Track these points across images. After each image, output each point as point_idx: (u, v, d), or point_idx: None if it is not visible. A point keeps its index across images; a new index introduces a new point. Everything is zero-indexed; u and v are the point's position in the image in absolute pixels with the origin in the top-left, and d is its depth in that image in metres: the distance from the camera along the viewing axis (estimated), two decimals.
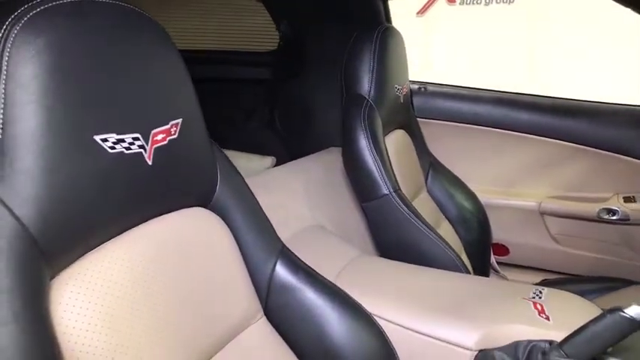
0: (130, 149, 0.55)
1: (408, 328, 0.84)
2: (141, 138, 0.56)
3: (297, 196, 1.25)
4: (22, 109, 0.46)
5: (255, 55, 1.74)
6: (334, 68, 1.59)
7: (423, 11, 3.61)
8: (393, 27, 1.23)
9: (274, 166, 1.73)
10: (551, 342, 0.75)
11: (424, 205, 1.32)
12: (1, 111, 0.45)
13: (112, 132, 0.52)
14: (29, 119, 0.46)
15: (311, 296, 0.76)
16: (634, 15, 1.18)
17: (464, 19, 3.54)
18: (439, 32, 3.65)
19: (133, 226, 0.59)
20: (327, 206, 1.30)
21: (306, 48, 1.65)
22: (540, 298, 0.87)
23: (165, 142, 0.60)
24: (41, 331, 0.45)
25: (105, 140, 0.52)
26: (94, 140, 0.51)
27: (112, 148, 0.52)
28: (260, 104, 1.77)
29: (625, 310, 0.67)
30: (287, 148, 1.73)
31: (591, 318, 0.71)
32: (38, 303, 0.45)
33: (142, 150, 0.56)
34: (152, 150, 0.58)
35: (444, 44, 3.66)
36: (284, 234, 0.81)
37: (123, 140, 0.54)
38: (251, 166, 1.65)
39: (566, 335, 0.73)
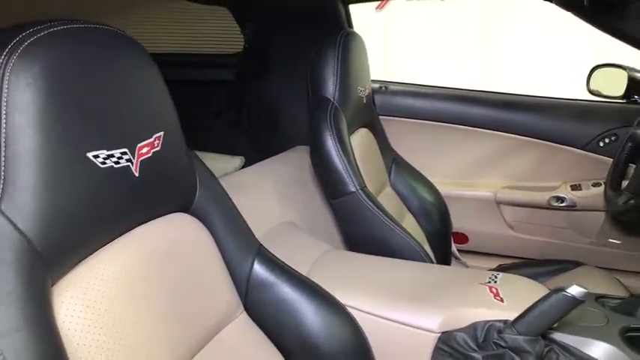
0: (119, 163, 0.58)
1: (377, 316, 0.90)
2: (128, 152, 0.60)
3: (268, 195, 1.29)
4: (21, 131, 0.49)
5: (221, 57, 1.77)
6: (299, 69, 1.64)
7: (381, 7, 3.67)
8: (354, 32, 1.29)
9: (243, 165, 1.77)
10: (505, 321, 0.83)
11: (389, 199, 1.40)
12: (4, 133, 0.48)
13: (102, 148, 0.56)
14: (28, 140, 0.49)
15: (287, 291, 0.81)
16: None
17: (421, 13, 3.64)
18: (397, 27, 3.74)
19: (123, 234, 0.63)
20: (296, 203, 1.35)
21: (270, 50, 1.69)
22: (495, 282, 0.96)
23: (149, 155, 0.64)
24: (50, 335, 0.49)
25: (96, 156, 0.55)
26: (87, 157, 0.55)
27: (103, 163, 0.56)
28: (227, 105, 1.80)
29: (567, 290, 0.76)
30: (255, 148, 1.76)
31: (538, 299, 0.80)
32: (45, 309, 0.49)
33: (129, 163, 0.60)
34: (138, 162, 0.62)
35: (402, 39, 3.76)
36: (257, 232, 0.85)
37: (112, 155, 0.57)
38: (220, 166, 1.68)
39: (518, 315, 0.82)
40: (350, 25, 1.62)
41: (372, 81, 1.63)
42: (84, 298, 0.55)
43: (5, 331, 0.45)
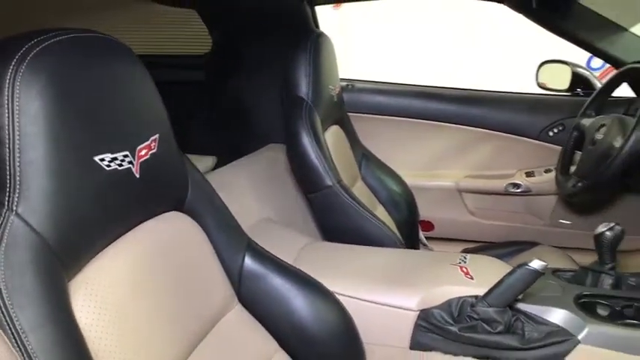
0: (122, 165, 0.62)
1: (360, 299, 0.97)
2: (129, 155, 0.63)
3: (245, 193, 1.33)
4: (34, 138, 0.52)
5: (190, 58, 1.78)
6: (268, 69, 1.69)
7: (338, 5, 3.73)
8: (324, 33, 1.35)
9: (215, 165, 1.79)
10: (476, 296, 0.92)
11: (361, 192, 1.47)
12: (18, 141, 0.51)
13: (107, 152, 0.60)
14: (40, 147, 0.52)
15: (278, 281, 0.86)
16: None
17: (375, 11, 3.73)
18: (355, 25, 3.81)
19: (124, 233, 0.67)
20: (273, 200, 1.40)
21: (239, 51, 1.72)
22: (465, 262, 1.05)
23: (147, 157, 0.67)
24: (72, 329, 0.52)
25: (102, 160, 0.59)
26: (94, 160, 0.58)
27: (108, 166, 0.60)
28: (198, 106, 1.81)
29: (530, 264, 0.85)
30: (227, 148, 1.79)
31: (504, 274, 0.90)
32: (65, 306, 0.53)
33: (130, 165, 0.64)
34: (139, 164, 0.65)
35: (360, 37, 3.83)
36: None
37: (116, 158, 0.61)
38: None
39: (487, 290, 0.91)
40: (317, 25, 1.67)
41: (340, 79, 1.69)
42: (96, 295, 0.58)
43: (32, 328, 0.48)
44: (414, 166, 1.80)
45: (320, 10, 1.71)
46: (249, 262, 0.86)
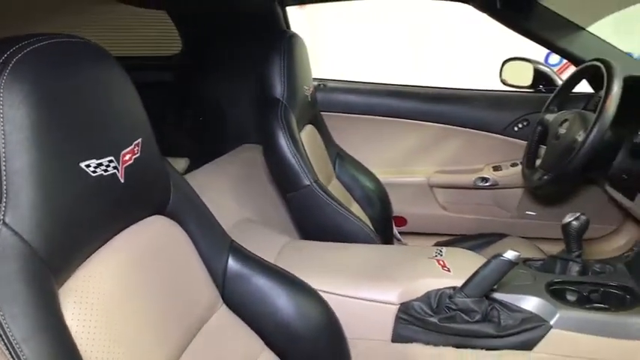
0: (107, 171, 0.62)
1: (343, 295, 0.99)
2: (114, 160, 0.63)
3: (223, 195, 1.34)
4: (20, 147, 0.51)
5: (159, 59, 1.76)
6: (240, 70, 1.69)
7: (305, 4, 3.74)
8: (297, 34, 1.36)
9: (188, 166, 1.78)
10: (454, 288, 0.96)
11: (336, 190, 1.49)
12: (3, 150, 0.50)
13: (92, 158, 0.59)
14: (26, 155, 0.52)
15: (261, 281, 0.87)
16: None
17: (342, 10, 3.75)
18: (319, 24, 3.83)
19: (112, 237, 0.66)
20: (250, 200, 1.41)
21: (209, 51, 1.71)
22: (441, 255, 1.08)
23: (132, 161, 0.67)
24: (65, 337, 0.52)
25: (88, 166, 0.59)
26: (80, 167, 0.58)
27: (94, 172, 0.59)
28: (169, 107, 1.79)
29: (504, 255, 0.89)
30: (200, 149, 1.78)
31: (480, 266, 0.93)
32: (56, 314, 0.52)
33: (115, 170, 0.63)
34: (123, 169, 0.65)
35: (326, 35, 3.85)
36: None
37: (101, 164, 0.61)
38: None
39: (464, 281, 0.95)
40: (288, 25, 1.68)
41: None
42: (86, 301, 0.58)
43: (25, 338, 0.47)
44: (387, 164, 1.84)
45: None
46: (232, 263, 0.86)
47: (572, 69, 1.64)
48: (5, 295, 0.47)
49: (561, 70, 2.31)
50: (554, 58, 2.65)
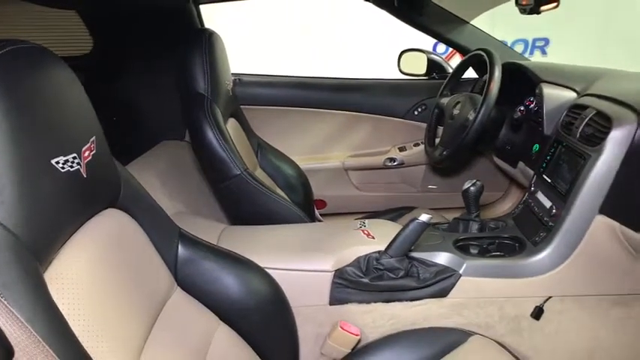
0: (73, 167, 0.66)
1: (284, 269, 1.08)
2: (77, 156, 0.67)
3: (154, 190, 1.33)
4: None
5: (68, 59, 1.69)
6: (155, 68, 1.69)
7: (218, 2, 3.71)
8: (215, 32, 1.42)
9: None
10: (379, 252, 1.10)
11: (261, 179, 1.57)
12: None
13: (60, 155, 0.64)
14: (7, 156, 0.55)
15: (210, 262, 0.94)
16: None
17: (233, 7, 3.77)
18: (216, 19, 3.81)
19: (78, 229, 0.71)
20: (181, 194, 1.44)
21: (122, 50, 1.69)
22: (365, 226, 1.22)
23: (90, 157, 0.71)
24: (60, 317, 0.57)
25: (57, 162, 0.63)
26: (51, 163, 0.62)
27: (62, 168, 0.64)
28: None
29: (419, 218, 1.05)
30: (118, 150, 1.75)
31: (398, 231, 1.08)
32: (49, 299, 0.57)
33: (78, 166, 0.68)
34: (85, 165, 0.69)
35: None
36: None
37: (67, 160, 0.65)
38: None
39: (387, 245, 1.09)
40: (202, 23, 1.72)
41: None
42: (67, 288, 0.63)
43: (31, 318, 0.52)
44: (304, 151, 1.96)
45: None
46: (182, 249, 0.93)
47: (457, 56, 1.88)
48: (6, 282, 0.51)
49: (448, 57, 2.59)
50: (441, 47, 2.94)
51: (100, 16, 1.52)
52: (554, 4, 1.22)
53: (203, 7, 1.74)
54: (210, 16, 1.79)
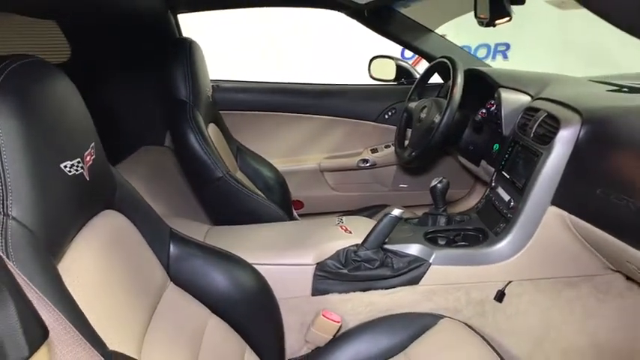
0: (78, 171, 0.73)
1: (269, 264, 1.15)
2: (81, 161, 0.74)
3: None
4: (17, 153, 0.60)
5: None
6: (133, 76, 1.74)
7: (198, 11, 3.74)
8: (195, 41, 1.48)
9: None
10: (357, 245, 1.19)
11: (242, 181, 1.64)
12: (5, 156, 0.60)
13: (67, 160, 0.70)
14: (24, 159, 0.61)
15: (201, 259, 1.01)
16: None
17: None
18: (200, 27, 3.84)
19: (81, 229, 0.77)
20: (163, 198, 1.49)
21: (101, 58, 1.73)
22: (342, 222, 1.31)
23: (91, 162, 0.78)
24: (78, 309, 0.63)
25: (65, 167, 0.69)
26: (60, 167, 0.68)
27: (69, 171, 0.70)
28: None
29: (392, 213, 1.14)
30: None
31: (373, 226, 1.17)
32: (66, 290, 0.63)
33: (82, 170, 0.74)
34: (87, 169, 0.76)
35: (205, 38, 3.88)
36: None
37: (73, 165, 0.71)
38: None
39: (364, 238, 1.18)
40: (180, 32, 1.78)
41: None
42: (76, 281, 0.69)
43: (53, 302, 0.58)
44: (282, 154, 2.04)
45: None
46: (173, 247, 0.99)
47: (424, 62, 2.00)
48: (31, 275, 0.58)
49: (415, 63, 2.72)
50: (408, 53, 3.06)
51: (78, 24, 1.55)
52: (507, 19, 1.34)
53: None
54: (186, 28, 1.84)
